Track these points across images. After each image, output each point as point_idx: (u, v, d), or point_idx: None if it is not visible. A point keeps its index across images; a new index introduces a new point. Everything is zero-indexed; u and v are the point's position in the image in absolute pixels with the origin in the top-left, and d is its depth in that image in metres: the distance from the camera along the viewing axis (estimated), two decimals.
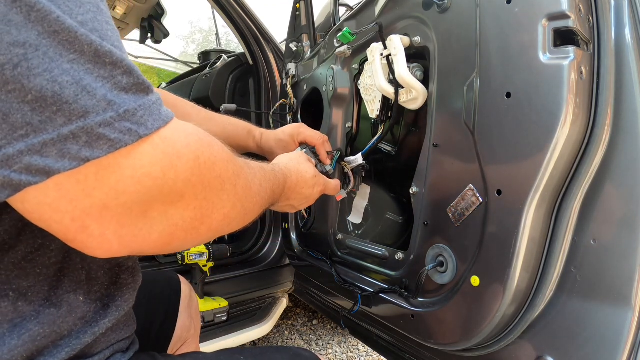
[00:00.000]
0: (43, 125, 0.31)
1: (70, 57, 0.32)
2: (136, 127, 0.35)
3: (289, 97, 1.54)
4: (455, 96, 0.83)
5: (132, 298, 0.55)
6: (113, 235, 0.38)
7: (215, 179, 0.45)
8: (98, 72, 0.33)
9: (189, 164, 0.40)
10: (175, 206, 0.41)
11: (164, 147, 0.38)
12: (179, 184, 0.40)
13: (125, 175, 0.36)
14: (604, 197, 0.69)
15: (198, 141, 0.42)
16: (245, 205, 0.52)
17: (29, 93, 0.30)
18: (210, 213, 0.45)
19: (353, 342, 2.17)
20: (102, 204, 0.36)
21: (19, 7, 0.30)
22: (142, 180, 0.37)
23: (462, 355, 0.90)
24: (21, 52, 0.30)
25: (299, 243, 1.59)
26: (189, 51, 21.44)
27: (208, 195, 0.44)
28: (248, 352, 0.63)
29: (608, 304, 0.67)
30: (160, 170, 0.38)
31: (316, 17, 1.63)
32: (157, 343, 0.84)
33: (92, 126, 0.33)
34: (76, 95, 0.32)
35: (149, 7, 2.09)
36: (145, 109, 0.36)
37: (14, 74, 0.30)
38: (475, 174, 0.79)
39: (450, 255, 0.85)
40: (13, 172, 0.31)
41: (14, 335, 0.42)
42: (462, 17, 0.81)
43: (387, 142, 1.21)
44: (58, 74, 0.31)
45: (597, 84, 0.69)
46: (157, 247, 0.43)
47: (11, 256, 0.42)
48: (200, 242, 0.50)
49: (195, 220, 0.44)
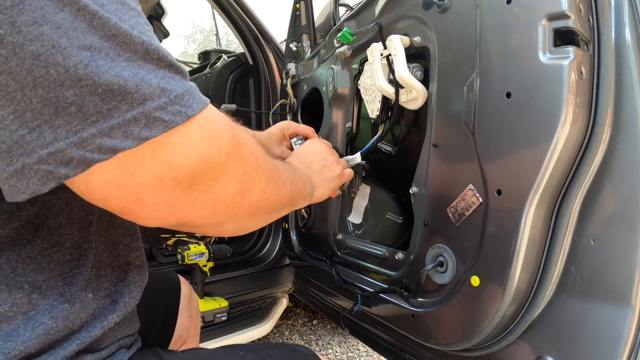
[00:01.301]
0: (110, 112, 0.37)
1: (126, 55, 0.38)
2: (185, 109, 0.41)
3: (289, 97, 1.54)
4: (455, 96, 0.83)
5: (139, 295, 0.58)
6: (164, 204, 0.43)
7: (250, 155, 0.51)
8: (149, 66, 0.39)
9: (229, 140, 0.46)
10: (219, 180, 0.46)
11: (207, 125, 0.44)
12: (223, 157, 0.46)
13: (177, 151, 0.41)
14: (604, 197, 0.69)
15: (231, 122, 0.49)
16: (277, 181, 0.58)
17: (99, 87, 0.36)
18: (249, 187, 0.51)
19: (353, 342, 2.17)
20: (157, 177, 0.41)
21: (82, 16, 0.35)
22: (192, 154, 0.42)
23: (462, 355, 0.90)
24: (89, 54, 0.35)
25: (299, 243, 1.59)
26: (189, 51, 21.44)
27: (247, 170, 0.50)
28: (247, 348, 0.65)
29: (608, 304, 0.67)
30: (207, 145, 0.43)
31: (316, 17, 1.63)
32: (157, 342, 0.84)
33: (150, 110, 0.38)
34: (137, 86, 0.38)
35: (149, 7, 2.09)
36: (189, 94, 0.42)
37: (85, 72, 0.35)
38: (475, 174, 0.79)
39: (450, 255, 0.85)
40: (87, 151, 0.37)
41: (28, 327, 0.44)
42: (462, 17, 0.81)
43: (387, 142, 1.21)
44: (119, 70, 0.37)
45: (597, 84, 0.69)
46: (201, 218, 0.48)
47: (28, 250, 0.46)
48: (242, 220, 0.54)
49: (237, 194, 0.49)
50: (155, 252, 1.92)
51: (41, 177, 0.37)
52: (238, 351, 0.64)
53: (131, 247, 0.58)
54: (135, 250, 0.59)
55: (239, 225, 0.55)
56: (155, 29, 2.18)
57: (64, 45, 0.34)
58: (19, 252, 0.45)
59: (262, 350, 0.66)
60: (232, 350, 0.64)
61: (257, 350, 0.65)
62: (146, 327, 0.77)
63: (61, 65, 0.34)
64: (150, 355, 0.59)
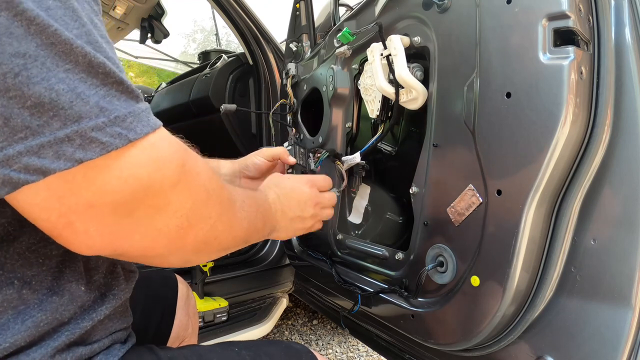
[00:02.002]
0: (41, 129, 0.34)
1: (65, 66, 0.35)
2: (126, 132, 0.38)
3: (289, 97, 1.54)
4: (455, 96, 0.83)
5: (129, 288, 0.58)
6: (96, 232, 0.40)
7: (201, 188, 0.47)
8: (91, 80, 0.36)
9: (176, 170, 0.43)
10: (161, 212, 0.43)
11: (151, 151, 0.41)
12: (166, 187, 0.42)
13: (113, 175, 0.38)
14: (604, 197, 0.69)
15: (184, 151, 0.45)
16: (231, 218, 0.54)
17: (28, 99, 0.33)
18: (196, 222, 0.47)
19: (353, 342, 2.17)
20: (88, 202, 0.38)
21: (19, 21, 0.32)
22: (128, 180, 0.39)
23: (462, 355, 0.90)
24: (21, 62, 0.33)
25: (299, 243, 1.59)
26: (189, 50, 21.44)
27: (195, 204, 0.46)
28: (242, 344, 0.66)
29: (608, 304, 0.67)
30: (146, 173, 0.40)
31: (316, 17, 1.63)
32: (155, 341, 0.84)
33: (85, 130, 0.36)
34: (71, 102, 0.35)
35: (149, 7, 2.09)
36: (134, 116, 0.39)
37: (14, 82, 0.33)
38: (475, 174, 0.79)
39: (450, 255, 0.85)
40: (12, 171, 0.34)
41: (17, 320, 0.44)
42: (462, 17, 0.81)
43: (387, 142, 1.21)
44: (55, 82, 0.34)
45: (597, 84, 0.69)
46: (139, 249, 0.45)
47: (16, 246, 0.45)
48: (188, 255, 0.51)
49: (180, 228, 0.46)
50: None
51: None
52: (233, 347, 0.64)
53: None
54: None
55: (185, 259, 0.52)
56: (156, 29, 2.18)
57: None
58: (6, 248, 0.44)
59: (258, 346, 0.67)
60: (228, 346, 0.65)
61: (252, 347, 0.66)
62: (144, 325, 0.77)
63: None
64: (146, 352, 0.59)
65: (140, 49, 3.85)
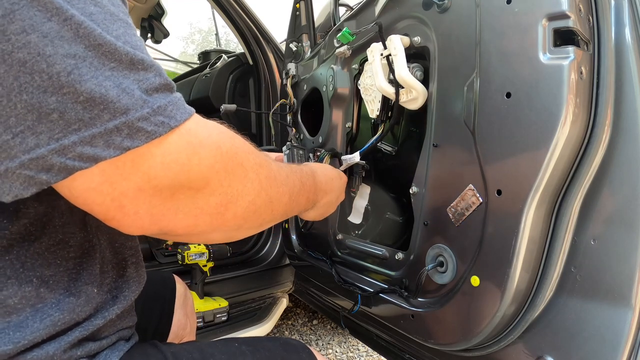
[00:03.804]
0: (92, 121, 0.38)
1: (111, 65, 0.38)
2: (167, 119, 0.42)
3: (289, 97, 1.54)
4: (455, 96, 0.83)
5: (138, 289, 0.61)
6: (145, 213, 0.44)
7: (238, 167, 0.50)
8: (134, 76, 0.40)
9: (211, 152, 0.46)
10: (202, 192, 0.46)
11: (188, 137, 0.44)
12: (203, 170, 0.45)
13: (157, 162, 0.42)
14: (604, 197, 0.69)
15: (219, 133, 0.49)
16: (271, 193, 0.56)
17: (80, 95, 0.37)
18: (235, 199, 0.50)
19: (353, 342, 2.17)
20: (137, 186, 0.42)
21: (69, 25, 0.36)
22: (170, 165, 0.43)
23: (462, 355, 0.90)
24: (72, 62, 0.36)
25: (299, 243, 1.59)
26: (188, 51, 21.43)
27: (232, 182, 0.49)
28: (241, 340, 0.68)
29: (608, 304, 0.67)
30: (186, 157, 0.44)
31: (316, 17, 1.63)
32: (153, 340, 0.85)
33: (132, 121, 0.39)
34: (118, 96, 0.38)
35: (149, 7, 2.09)
36: (173, 105, 0.43)
37: (68, 80, 0.36)
38: (475, 174, 0.79)
39: (450, 255, 0.85)
40: (68, 159, 0.38)
41: (36, 319, 0.47)
42: (462, 17, 0.81)
43: (387, 142, 1.21)
44: (102, 79, 0.38)
45: (597, 84, 0.69)
46: (183, 227, 0.48)
47: (36, 246, 0.48)
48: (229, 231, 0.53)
49: (220, 205, 0.49)
50: (155, 252, 1.92)
51: (23, 181, 0.38)
52: (233, 342, 0.66)
53: (126, 246, 0.60)
54: (131, 248, 0.61)
55: (226, 235, 0.55)
56: (156, 29, 2.17)
57: (49, 53, 0.35)
58: (27, 247, 0.47)
59: (257, 342, 0.68)
60: (228, 341, 0.67)
61: (251, 342, 0.68)
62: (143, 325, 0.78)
63: (45, 72, 0.35)
64: (149, 347, 0.61)
65: None
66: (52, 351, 0.47)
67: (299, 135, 1.49)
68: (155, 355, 0.59)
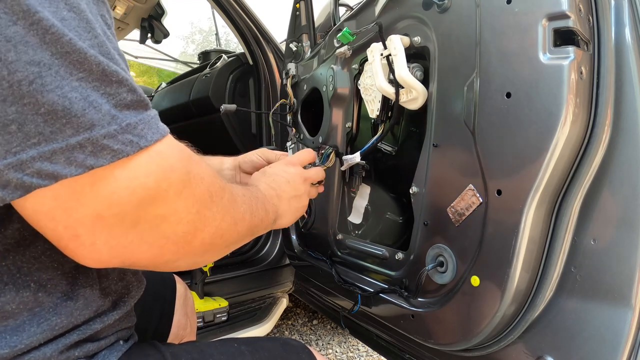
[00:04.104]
0: (53, 135, 0.35)
1: (79, 75, 0.36)
2: (137, 139, 0.39)
3: (289, 97, 1.54)
4: (455, 96, 0.83)
5: (138, 294, 0.60)
6: (104, 245, 0.40)
7: (205, 193, 0.48)
8: (104, 89, 0.37)
9: (181, 177, 0.43)
10: (168, 220, 0.43)
11: (159, 160, 0.41)
12: (172, 196, 0.42)
13: (120, 186, 0.38)
14: (604, 197, 0.69)
15: (189, 157, 0.46)
16: (235, 216, 0.54)
17: (42, 106, 0.34)
18: (202, 226, 0.48)
19: (353, 342, 2.17)
20: (95, 213, 0.38)
21: (35, 30, 0.33)
22: (136, 190, 0.39)
23: (462, 355, 0.90)
24: (36, 70, 0.34)
25: (299, 243, 1.59)
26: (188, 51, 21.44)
27: (200, 209, 0.47)
28: (241, 341, 0.68)
29: (608, 304, 0.67)
30: (154, 182, 0.41)
31: (316, 17, 1.63)
32: (154, 340, 0.85)
33: (97, 137, 0.36)
34: (83, 110, 0.36)
35: (149, 7, 2.09)
36: (144, 123, 0.40)
37: (29, 89, 0.34)
38: (475, 174, 0.79)
39: (450, 255, 0.85)
40: (25, 175, 0.35)
41: (33, 323, 0.45)
42: (462, 17, 0.81)
43: (387, 142, 1.21)
44: (68, 90, 0.35)
45: (597, 84, 0.69)
46: (147, 259, 0.45)
47: (32, 250, 0.46)
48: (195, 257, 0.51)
49: (187, 233, 0.46)
50: None
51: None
52: (233, 343, 0.66)
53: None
54: None
55: (192, 262, 0.53)
56: (156, 29, 2.17)
57: (11, 59, 0.33)
58: (23, 252, 0.46)
59: (256, 342, 0.68)
60: (227, 342, 0.67)
61: (251, 343, 0.67)
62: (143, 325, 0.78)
63: (5, 80, 0.33)
64: (148, 347, 0.61)
65: (140, 49, 3.85)
66: (49, 353, 0.47)
67: (299, 135, 1.49)
68: (154, 356, 0.59)
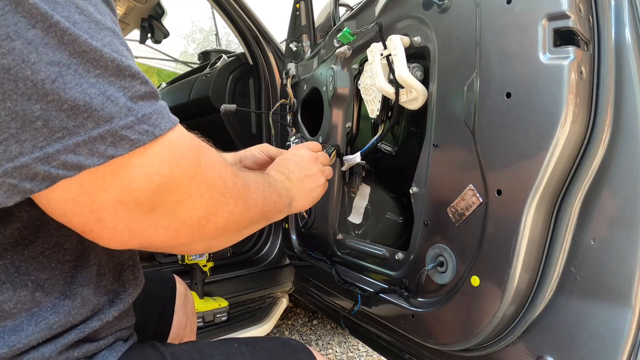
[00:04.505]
0: (76, 129, 0.38)
1: (96, 72, 0.38)
2: (152, 128, 0.41)
3: (289, 97, 1.54)
4: (455, 96, 0.83)
5: (136, 292, 0.61)
6: (125, 227, 0.43)
7: (218, 178, 0.50)
8: (120, 83, 0.40)
9: (193, 164, 0.46)
10: (183, 205, 0.46)
11: (171, 148, 0.43)
12: (185, 182, 0.45)
13: (138, 173, 0.41)
14: (604, 197, 0.69)
15: (199, 146, 0.48)
16: (248, 201, 0.56)
17: (64, 103, 0.37)
18: (216, 211, 0.50)
19: (353, 342, 2.17)
20: (117, 198, 0.41)
21: (53, 32, 0.36)
22: (152, 177, 0.42)
23: (462, 355, 0.90)
24: (57, 69, 0.36)
25: (299, 243, 1.59)
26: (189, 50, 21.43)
27: (213, 194, 0.49)
28: (240, 341, 0.68)
29: (608, 304, 0.67)
30: (168, 168, 0.43)
31: (316, 17, 1.63)
32: (153, 340, 0.85)
33: (117, 129, 0.39)
34: (102, 104, 0.38)
35: (149, 7, 2.09)
36: (158, 113, 0.42)
37: (52, 88, 0.36)
38: (475, 173, 0.79)
39: (450, 255, 0.85)
40: (52, 167, 0.37)
41: (31, 322, 0.46)
42: (462, 17, 0.81)
43: (387, 142, 1.21)
44: (87, 87, 0.38)
45: (597, 84, 0.69)
46: (164, 241, 0.47)
47: (30, 250, 0.47)
48: (209, 241, 0.53)
49: (202, 218, 0.48)
50: (155, 252, 1.92)
51: (7, 190, 0.38)
52: (232, 343, 0.67)
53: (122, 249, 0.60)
54: (127, 251, 0.61)
55: (207, 245, 0.55)
56: (156, 29, 2.17)
57: (34, 60, 0.35)
58: (21, 252, 0.47)
59: (256, 342, 0.69)
60: (227, 342, 0.67)
61: (251, 342, 0.68)
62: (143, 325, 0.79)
63: (29, 80, 0.35)
64: (148, 348, 0.61)
65: (141, 49, 3.85)
66: (48, 353, 0.47)
67: (299, 135, 1.49)
68: (153, 356, 0.59)
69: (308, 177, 0.79)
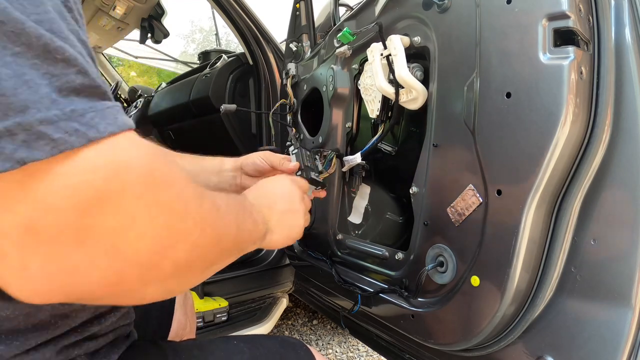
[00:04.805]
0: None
1: (15, 49, 0.29)
2: (85, 128, 0.30)
3: (289, 97, 1.54)
4: (455, 96, 0.83)
5: None
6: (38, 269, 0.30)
7: (176, 199, 0.37)
8: (46, 68, 0.30)
9: (141, 179, 0.34)
10: (126, 234, 0.33)
11: (112, 154, 0.32)
12: (128, 201, 0.33)
13: (59, 185, 0.29)
14: (603, 197, 0.69)
15: (154, 155, 0.36)
16: (217, 229, 0.44)
17: None
18: (174, 243, 0.37)
19: (353, 342, 2.17)
20: (25, 223, 0.29)
21: None
22: (78, 190, 0.30)
23: (462, 355, 0.90)
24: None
25: (299, 243, 1.59)
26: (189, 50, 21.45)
27: (169, 221, 0.36)
28: (240, 338, 0.68)
29: (608, 304, 0.67)
30: (102, 180, 0.31)
31: (316, 17, 1.63)
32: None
33: (32, 122, 0.28)
34: (14, 88, 0.28)
35: (149, 7, 2.09)
36: (96, 112, 0.32)
37: None
38: (475, 174, 0.79)
39: (450, 255, 0.85)
40: None
41: (29, 326, 0.44)
42: (462, 17, 0.81)
43: (387, 142, 1.21)
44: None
45: (597, 84, 0.69)
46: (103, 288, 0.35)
47: None
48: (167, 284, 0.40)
49: (154, 253, 0.36)
50: None
51: None
52: (232, 340, 0.67)
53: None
54: None
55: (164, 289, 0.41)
56: (156, 29, 2.18)
57: None
58: None
59: (255, 340, 0.69)
60: (227, 339, 0.67)
61: (250, 340, 0.68)
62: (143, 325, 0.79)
63: None
64: (149, 345, 0.61)
65: (140, 49, 3.85)
66: (49, 354, 0.46)
67: (299, 135, 1.49)
68: (155, 353, 0.59)
69: (293, 212, 0.69)
